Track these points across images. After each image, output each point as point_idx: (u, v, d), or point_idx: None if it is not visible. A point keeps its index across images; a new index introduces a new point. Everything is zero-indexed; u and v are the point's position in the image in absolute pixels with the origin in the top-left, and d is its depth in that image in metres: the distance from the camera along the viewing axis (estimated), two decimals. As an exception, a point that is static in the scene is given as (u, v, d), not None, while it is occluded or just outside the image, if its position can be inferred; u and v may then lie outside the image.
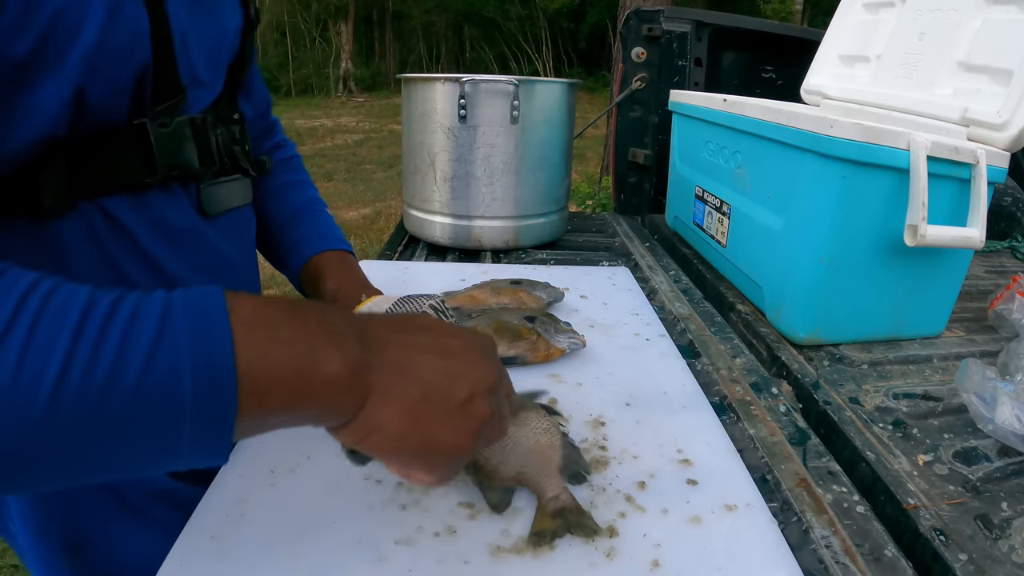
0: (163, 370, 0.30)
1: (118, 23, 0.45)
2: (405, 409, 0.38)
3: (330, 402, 0.35)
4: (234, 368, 0.32)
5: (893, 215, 0.81)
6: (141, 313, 0.32)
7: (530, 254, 1.30)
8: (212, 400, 0.31)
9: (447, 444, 0.39)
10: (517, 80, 1.17)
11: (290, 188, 0.81)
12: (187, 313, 0.32)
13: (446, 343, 0.42)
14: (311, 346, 0.35)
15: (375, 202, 5.94)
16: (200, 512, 0.52)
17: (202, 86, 0.57)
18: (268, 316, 0.35)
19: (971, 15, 0.97)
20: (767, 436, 0.69)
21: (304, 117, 12.35)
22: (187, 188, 0.58)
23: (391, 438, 0.38)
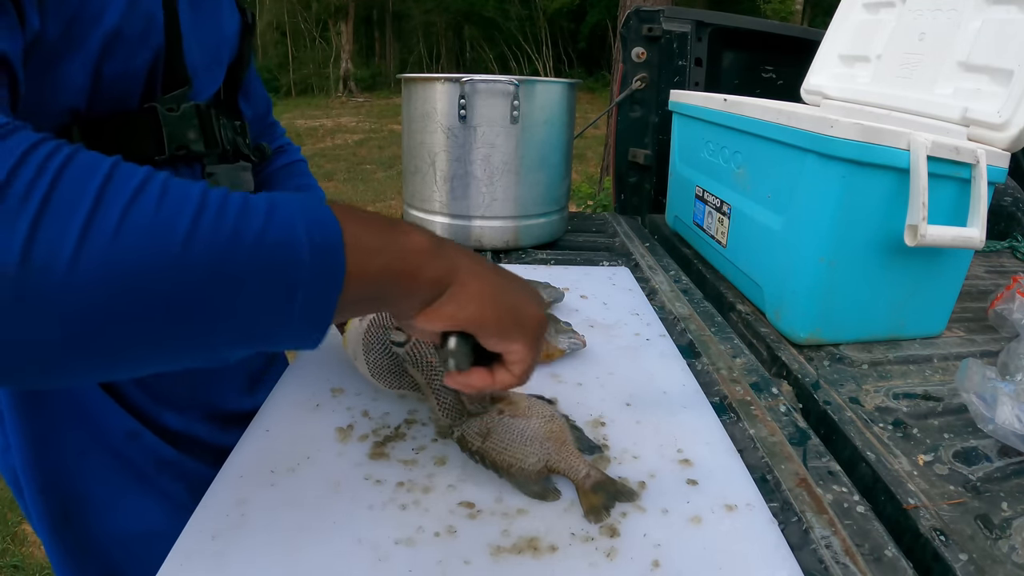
0: (280, 229, 0.33)
1: (136, 11, 0.50)
2: (490, 284, 0.44)
3: (422, 266, 0.40)
4: (339, 231, 0.35)
5: (893, 215, 0.81)
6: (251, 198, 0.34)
7: (530, 254, 1.30)
8: (325, 256, 0.34)
9: (534, 311, 0.47)
10: (517, 80, 1.17)
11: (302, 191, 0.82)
12: (290, 198, 0.35)
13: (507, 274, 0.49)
14: (399, 227, 0.40)
15: (375, 202, 5.94)
16: (200, 512, 0.52)
17: (203, 79, 0.61)
18: (357, 212, 0.39)
19: (971, 15, 0.97)
20: (767, 436, 0.69)
21: (304, 117, 12.35)
22: (192, 169, 0.62)
23: (486, 306, 0.43)
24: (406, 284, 0.40)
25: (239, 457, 0.58)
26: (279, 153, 0.84)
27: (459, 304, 0.42)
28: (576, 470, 0.56)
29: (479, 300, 0.43)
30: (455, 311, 0.42)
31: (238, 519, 0.51)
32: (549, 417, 0.61)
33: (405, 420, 0.65)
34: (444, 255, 0.42)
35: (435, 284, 0.41)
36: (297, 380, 0.73)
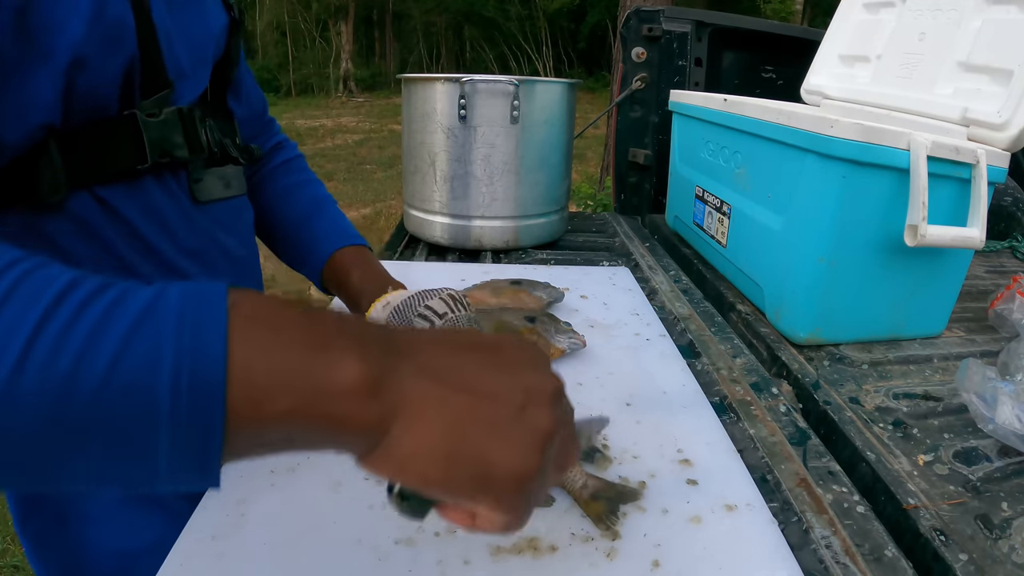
0: (139, 358, 0.25)
1: (103, 19, 0.48)
2: (448, 421, 0.30)
3: (347, 414, 0.28)
4: (224, 360, 0.26)
5: (893, 215, 0.81)
6: (127, 298, 0.27)
7: (530, 254, 1.30)
8: (194, 398, 0.26)
9: (510, 463, 0.31)
10: (517, 80, 1.17)
11: (299, 188, 0.82)
12: (181, 300, 0.27)
13: (494, 344, 0.35)
14: (324, 345, 0.29)
15: (375, 202, 5.94)
16: (200, 512, 0.52)
17: (188, 80, 0.59)
18: (276, 312, 0.29)
19: (971, 15, 0.97)
20: (767, 436, 0.69)
21: (304, 117, 12.35)
22: (177, 176, 0.60)
23: (437, 461, 0.30)
24: (324, 434, 0.29)
25: (239, 457, 0.58)
26: (276, 150, 0.83)
27: (399, 461, 0.30)
28: (571, 480, 0.55)
29: (428, 454, 0.30)
30: (395, 469, 0.30)
31: (238, 519, 0.51)
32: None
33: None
34: (385, 391, 0.29)
35: (368, 433, 0.29)
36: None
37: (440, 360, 0.32)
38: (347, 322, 0.31)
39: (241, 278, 0.68)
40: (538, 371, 0.35)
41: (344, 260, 0.77)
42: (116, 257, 0.55)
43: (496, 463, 0.31)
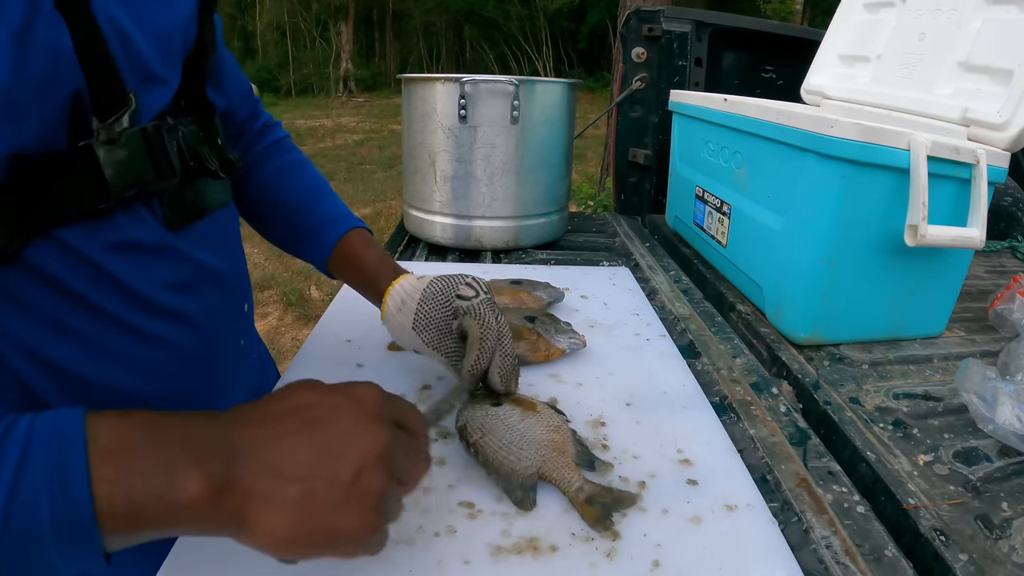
0: (22, 509, 0.32)
1: (32, 50, 0.40)
2: (289, 511, 0.36)
3: (200, 520, 0.36)
4: (91, 502, 0.33)
5: (893, 215, 0.81)
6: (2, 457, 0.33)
7: (530, 254, 1.30)
8: (73, 533, 0.33)
9: (349, 530, 0.38)
10: (517, 80, 1.17)
11: (294, 170, 0.79)
12: (45, 448, 0.34)
13: (321, 417, 0.40)
14: (170, 468, 0.35)
15: (375, 202, 5.94)
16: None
17: (157, 84, 0.52)
18: (127, 440, 0.35)
19: (971, 15, 0.97)
20: (767, 436, 0.69)
21: (304, 117, 12.36)
22: (149, 204, 0.52)
23: (286, 543, 0.37)
24: (189, 532, 0.37)
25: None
26: (265, 131, 0.80)
27: (258, 543, 0.37)
28: (568, 482, 0.55)
29: (278, 538, 0.37)
30: (257, 547, 0.37)
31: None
32: (555, 427, 0.61)
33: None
34: (229, 494, 0.36)
35: (224, 528, 0.37)
36: (297, 379, 0.72)
37: (272, 456, 0.38)
38: (189, 432, 0.37)
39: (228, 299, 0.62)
40: (367, 431, 0.40)
41: (354, 242, 0.74)
42: (87, 305, 0.48)
43: (338, 532, 0.37)
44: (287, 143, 0.81)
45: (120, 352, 0.51)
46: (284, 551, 0.37)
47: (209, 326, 0.58)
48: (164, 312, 0.53)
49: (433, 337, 0.64)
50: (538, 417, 0.61)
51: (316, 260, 0.75)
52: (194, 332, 0.56)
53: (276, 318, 3.48)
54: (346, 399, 0.42)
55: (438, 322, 0.64)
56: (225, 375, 0.62)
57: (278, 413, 0.40)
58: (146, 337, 0.52)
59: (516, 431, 0.59)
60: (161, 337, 0.53)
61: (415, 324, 0.64)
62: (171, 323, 0.54)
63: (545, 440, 0.59)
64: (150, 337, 0.52)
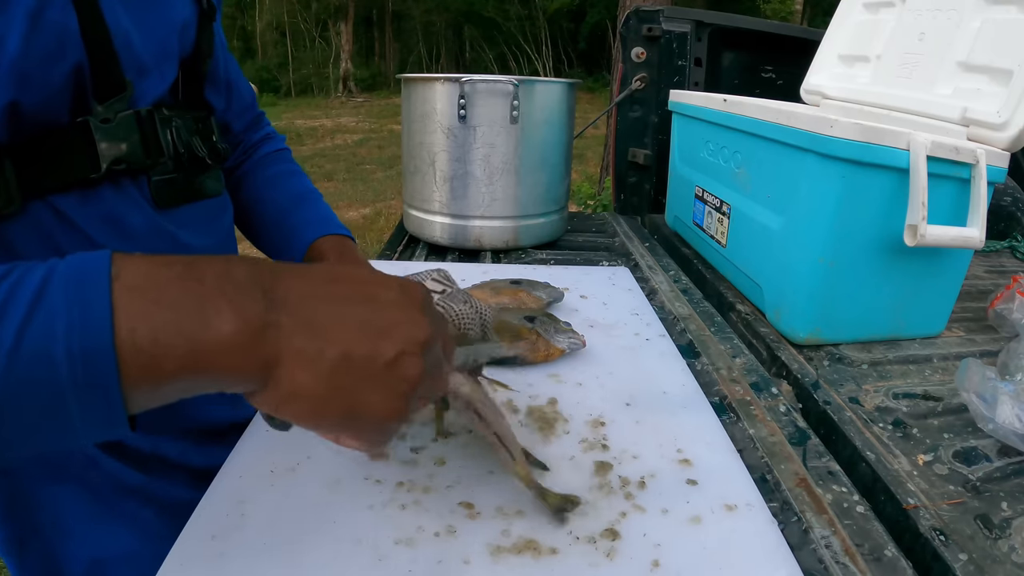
0: (36, 341, 0.29)
1: (42, 28, 0.45)
2: (323, 372, 0.34)
3: (229, 367, 0.32)
4: (111, 334, 0.30)
5: (893, 215, 0.81)
6: (21, 284, 0.31)
7: (530, 254, 1.30)
8: (89, 370, 0.30)
9: (375, 409, 0.36)
10: (517, 80, 1.17)
11: (285, 178, 0.80)
12: (66, 280, 0.31)
13: (372, 293, 0.38)
14: (202, 306, 0.32)
15: (375, 202, 5.94)
16: (200, 512, 0.52)
17: (151, 76, 0.56)
18: (158, 276, 0.32)
19: (971, 15, 0.97)
20: (767, 436, 0.69)
21: (304, 117, 12.35)
22: (138, 182, 0.56)
23: (310, 404, 0.35)
24: (213, 383, 0.33)
25: (239, 457, 0.58)
26: (264, 141, 0.82)
27: (277, 402, 0.35)
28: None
29: (302, 399, 0.34)
30: (273, 407, 0.35)
31: (238, 519, 0.51)
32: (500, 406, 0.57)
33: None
34: (263, 342, 0.33)
35: (250, 379, 0.34)
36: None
37: (317, 313, 0.35)
38: (228, 274, 0.34)
39: None
40: (415, 318, 0.38)
41: (324, 247, 0.74)
42: None
43: (362, 411, 0.36)
44: (285, 155, 0.83)
45: None
46: (303, 413, 0.35)
47: None
48: None
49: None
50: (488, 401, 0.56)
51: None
52: None
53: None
54: (399, 285, 0.40)
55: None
56: None
57: (332, 277, 0.38)
58: None
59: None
60: None
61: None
62: None
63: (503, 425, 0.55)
64: None
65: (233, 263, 0.35)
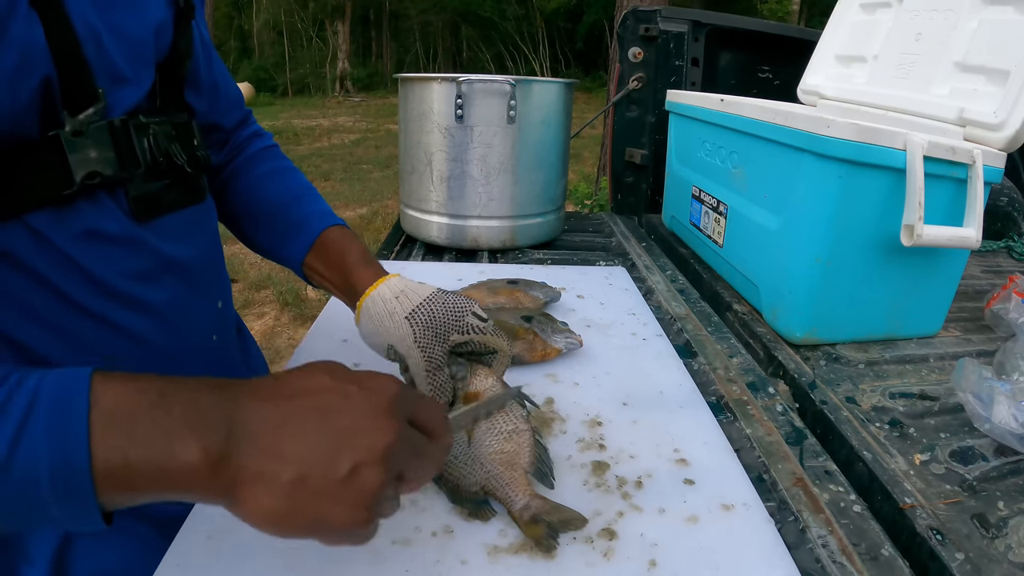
0: (23, 459, 0.34)
1: (7, 45, 0.43)
2: (281, 492, 0.37)
3: (194, 489, 0.37)
4: (88, 466, 0.34)
5: (890, 215, 0.82)
6: (11, 401, 0.35)
7: (527, 254, 1.30)
8: (70, 495, 0.35)
9: (339, 521, 0.37)
10: (514, 80, 1.17)
11: (281, 174, 0.78)
12: (49, 408, 0.35)
13: (333, 404, 0.40)
14: (169, 439, 0.36)
15: (372, 202, 5.93)
16: (196, 512, 0.51)
17: (126, 83, 0.54)
18: (132, 405, 0.36)
19: (968, 16, 0.97)
20: (764, 436, 0.69)
21: (301, 117, 12.33)
22: (114, 195, 0.54)
23: (274, 520, 0.37)
24: (182, 498, 0.37)
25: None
26: (253, 138, 0.80)
27: (246, 517, 0.38)
28: (512, 501, 0.53)
29: (266, 516, 0.37)
30: (245, 520, 0.38)
31: (234, 519, 0.50)
32: (508, 434, 0.57)
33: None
34: (226, 468, 0.36)
35: (217, 499, 0.38)
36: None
37: (275, 436, 0.38)
38: (195, 404, 0.37)
39: (197, 293, 0.63)
40: (376, 425, 0.39)
41: (337, 235, 0.72)
42: (54, 290, 0.50)
43: (326, 523, 0.37)
44: (275, 151, 0.81)
45: (85, 338, 0.52)
46: (269, 529, 0.38)
47: (175, 318, 0.59)
48: (129, 301, 0.55)
49: (427, 336, 0.61)
50: (491, 422, 0.58)
51: (294, 255, 0.73)
52: (159, 323, 0.57)
53: (272, 318, 3.48)
54: (360, 389, 0.41)
55: (437, 327, 0.61)
56: (192, 368, 0.61)
57: (290, 392, 0.40)
58: (110, 325, 0.53)
59: (462, 443, 0.56)
60: (125, 326, 0.55)
61: (412, 315, 0.61)
62: (135, 312, 0.55)
63: (494, 452, 0.56)
64: (114, 325, 0.54)
65: (202, 392, 0.38)
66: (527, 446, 0.57)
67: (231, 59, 19.14)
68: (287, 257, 0.74)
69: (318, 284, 0.73)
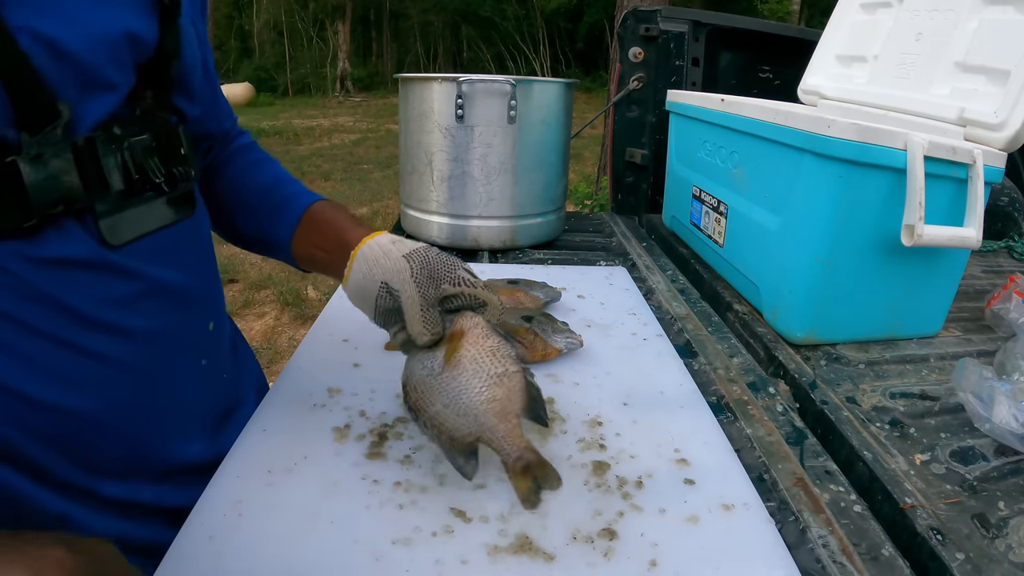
0: None
1: None
2: None
3: None
4: None
5: (890, 215, 0.82)
6: None
7: (527, 254, 1.30)
8: None
9: None
10: (514, 80, 1.17)
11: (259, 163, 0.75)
12: None
13: None
14: None
15: (372, 202, 5.93)
16: (197, 512, 0.51)
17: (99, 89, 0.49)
18: None
19: (968, 15, 0.97)
20: (764, 435, 0.69)
21: (301, 117, 12.33)
22: (82, 220, 0.49)
23: None
24: None
25: (236, 457, 0.58)
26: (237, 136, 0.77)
27: None
28: (506, 451, 0.51)
29: None
30: None
31: (235, 519, 0.51)
32: (498, 377, 0.55)
33: (402, 420, 0.65)
34: None
35: None
36: (294, 380, 0.72)
37: None
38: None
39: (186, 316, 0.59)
40: None
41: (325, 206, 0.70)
42: (15, 320, 0.47)
43: None
44: (256, 146, 0.78)
45: (54, 366, 0.49)
46: None
47: (159, 343, 0.55)
48: (107, 328, 0.51)
49: (422, 275, 0.59)
50: (479, 366, 0.55)
51: (282, 234, 0.69)
52: (139, 348, 0.53)
53: (273, 318, 3.48)
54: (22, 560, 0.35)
55: (431, 270, 0.60)
56: (177, 395, 0.59)
57: None
58: (88, 354, 0.50)
59: (451, 392, 0.54)
60: (104, 355, 0.51)
61: (409, 255, 0.60)
62: (112, 339, 0.51)
63: (484, 399, 0.53)
64: (92, 354, 0.50)
65: None
66: (518, 389, 0.55)
67: (231, 59, 19.16)
68: (274, 239, 0.70)
69: (309, 261, 0.69)
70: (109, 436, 0.53)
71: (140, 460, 0.57)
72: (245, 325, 3.39)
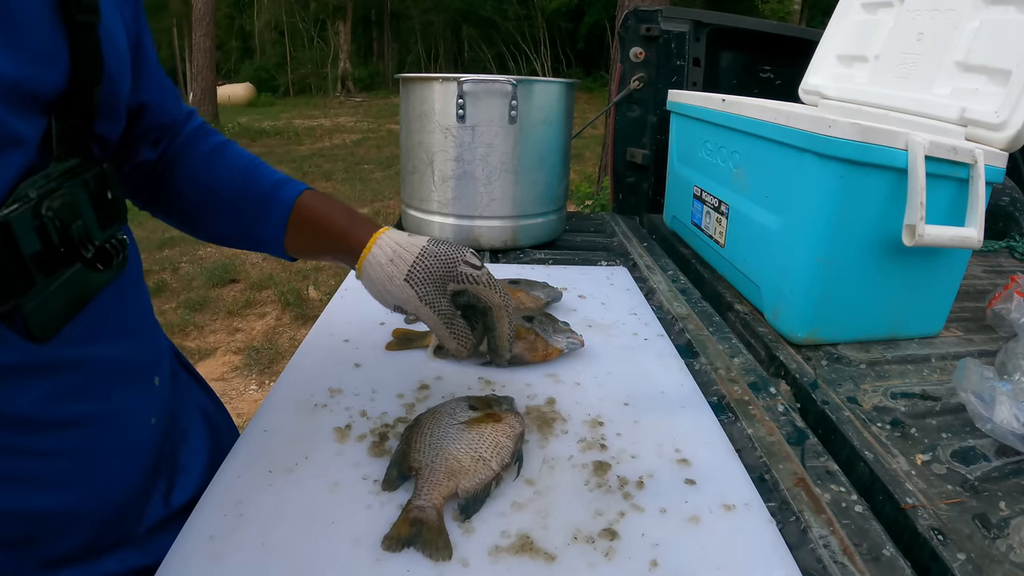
0: None
1: None
2: None
3: None
4: None
5: (891, 215, 0.82)
6: None
7: (528, 254, 1.30)
8: None
9: None
10: (515, 80, 1.17)
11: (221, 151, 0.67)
12: None
13: None
14: None
15: (373, 202, 5.94)
16: (198, 512, 0.51)
17: (10, 146, 0.40)
18: None
19: (969, 15, 0.97)
20: (765, 436, 0.69)
21: (302, 117, 12.34)
22: (10, 321, 0.41)
23: None
24: None
25: (237, 458, 0.58)
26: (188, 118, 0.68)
27: None
28: (419, 493, 0.53)
29: None
30: None
31: (236, 520, 0.51)
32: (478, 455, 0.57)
33: (402, 420, 0.65)
34: None
35: None
36: (295, 380, 0.73)
37: None
38: None
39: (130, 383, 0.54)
40: None
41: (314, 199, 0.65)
42: None
43: None
44: (207, 127, 0.70)
45: (5, 473, 0.43)
46: None
47: (110, 420, 0.51)
48: (51, 424, 0.45)
49: (429, 292, 0.61)
50: (481, 437, 0.59)
51: (271, 234, 0.65)
52: (90, 431, 0.49)
53: (274, 318, 3.48)
54: None
55: (436, 280, 0.61)
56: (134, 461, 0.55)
57: None
58: (33, 453, 0.45)
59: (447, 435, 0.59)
60: (51, 449, 0.46)
61: (409, 276, 0.60)
62: (62, 432, 0.46)
63: (451, 453, 0.56)
64: (38, 452, 0.45)
65: None
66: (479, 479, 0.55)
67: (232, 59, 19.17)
68: (263, 239, 0.66)
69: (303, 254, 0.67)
70: (72, 525, 0.49)
71: (101, 538, 0.52)
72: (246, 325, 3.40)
